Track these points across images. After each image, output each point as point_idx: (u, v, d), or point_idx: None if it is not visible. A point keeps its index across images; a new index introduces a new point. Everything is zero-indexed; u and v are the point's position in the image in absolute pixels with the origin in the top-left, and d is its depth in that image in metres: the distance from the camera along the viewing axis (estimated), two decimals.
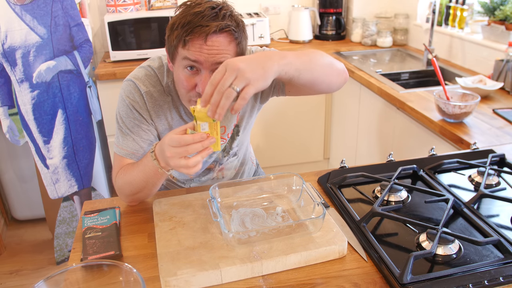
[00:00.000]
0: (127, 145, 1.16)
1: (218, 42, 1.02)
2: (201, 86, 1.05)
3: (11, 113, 2.19)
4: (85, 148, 2.28)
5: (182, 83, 1.08)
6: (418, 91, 2.02)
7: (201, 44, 1.01)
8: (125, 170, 1.14)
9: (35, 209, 2.72)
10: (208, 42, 1.01)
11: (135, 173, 1.09)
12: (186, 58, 1.03)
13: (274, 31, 3.16)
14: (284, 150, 2.90)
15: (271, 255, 0.92)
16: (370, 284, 0.89)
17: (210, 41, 1.01)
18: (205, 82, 1.04)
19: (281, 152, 2.90)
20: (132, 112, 1.15)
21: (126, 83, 1.17)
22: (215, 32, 1.01)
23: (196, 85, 1.06)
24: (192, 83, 1.07)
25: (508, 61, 1.96)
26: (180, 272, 0.88)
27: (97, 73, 2.41)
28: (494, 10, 2.17)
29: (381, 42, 2.87)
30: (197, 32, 1.00)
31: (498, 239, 0.95)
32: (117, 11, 2.61)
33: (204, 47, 1.01)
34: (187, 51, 1.03)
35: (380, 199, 1.09)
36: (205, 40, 1.00)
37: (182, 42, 1.02)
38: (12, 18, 2.01)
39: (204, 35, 1.00)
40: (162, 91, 1.17)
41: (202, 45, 1.01)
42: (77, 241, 1.04)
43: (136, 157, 1.16)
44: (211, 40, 1.01)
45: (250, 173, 1.52)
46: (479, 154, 1.35)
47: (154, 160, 1.01)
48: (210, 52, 1.02)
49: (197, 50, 1.02)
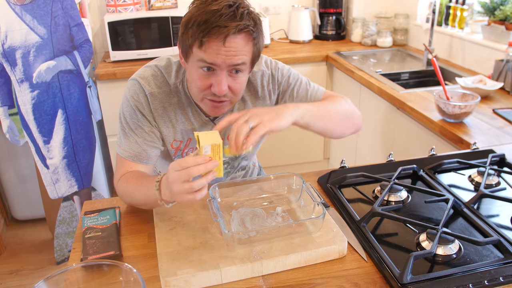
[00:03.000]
0: (129, 147, 1.14)
1: (236, 44, 0.99)
2: (216, 87, 1.03)
3: (11, 113, 2.19)
4: (85, 148, 2.28)
5: (196, 82, 1.05)
6: (418, 91, 2.02)
7: (219, 46, 0.98)
8: (128, 180, 1.11)
9: (35, 209, 2.72)
10: (227, 44, 0.98)
11: (137, 191, 1.06)
12: (203, 60, 1.00)
13: (274, 31, 3.16)
14: (284, 150, 2.90)
15: (271, 255, 0.92)
16: (370, 284, 0.89)
17: (228, 42, 0.98)
18: (220, 83, 1.02)
19: (281, 152, 2.90)
20: (136, 113, 1.13)
21: (132, 83, 1.15)
22: (234, 34, 0.97)
23: (211, 85, 1.04)
24: (207, 84, 1.04)
25: (508, 61, 1.96)
26: (180, 272, 0.88)
27: (97, 73, 2.41)
28: (494, 10, 2.17)
29: (381, 42, 2.87)
30: (215, 34, 0.96)
31: (498, 239, 0.95)
32: (117, 11, 2.61)
33: (222, 49, 0.98)
34: (204, 53, 0.99)
35: (380, 199, 1.09)
36: (223, 42, 0.97)
37: (199, 43, 0.99)
38: (12, 18, 2.01)
39: (223, 37, 0.96)
40: (167, 92, 1.15)
41: (220, 47, 0.98)
42: (77, 241, 1.04)
43: (138, 159, 1.14)
44: (229, 42, 0.98)
45: (253, 176, 1.51)
46: (479, 154, 1.35)
47: (156, 190, 0.96)
48: (228, 54, 0.99)
49: (214, 53, 0.98)
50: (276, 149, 2.86)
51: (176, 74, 1.16)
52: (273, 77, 1.21)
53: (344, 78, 2.61)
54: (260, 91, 1.20)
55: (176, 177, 0.87)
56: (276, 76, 1.22)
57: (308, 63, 2.73)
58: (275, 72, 1.22)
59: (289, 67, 1.26)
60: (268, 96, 1.22)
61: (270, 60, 1.25)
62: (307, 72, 2.74)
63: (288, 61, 2.67)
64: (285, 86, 1.23)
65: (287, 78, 1.24)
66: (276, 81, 1.22)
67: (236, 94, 1.08)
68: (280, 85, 1.23)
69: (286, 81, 1.23)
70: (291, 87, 1.23)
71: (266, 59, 1.24)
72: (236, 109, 1.21)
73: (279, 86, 1.23)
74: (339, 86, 2.72)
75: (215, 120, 1.19)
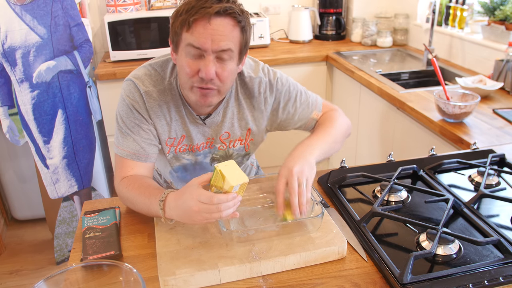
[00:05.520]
0: (127, 146, 1.15)
1: (222, 26, 1.02)
2: (204, 70, 1.04)
3: (11, 113, 2.19)
4: (85, 148, 2.28)
5: (184, 69, 1.07)
6: (418, 91, 2.02)
7: (205, 26, 1.01)
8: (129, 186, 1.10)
9: (35, 209, 2.72)
10: (212, 24, 1.01)
11: (139, 202, 1.06)
12: (190, 44, 1.03)
13: (274, 31, 3.16)
14: (284, 150, 2.89)
15: (270, 256, 0.92)
16: (370, 284, 0.89)
17: (214, 24, 1.01)
18: (207, 66, 1.04)
19: (281, 152, 2.89)
20: (132, 112, 1.15)
21: (126, 83, 1.17)
22: (219, 14, 1.01)
23: (199, 70, 1.05)
24: (195, 68, 1.06)
25: (508, 61, 1.96)
26: (179, 271, 0.88)
27: (97, 73, 2.41)
28: (494, 10, 2.17)
29: (381, 42, 2.87)
30: (201, 13, 1.00)
31: (498, 239, 0.95)
32: (117, 11, 2.61)
33: (209, 29, 1.01)
34: (191, 35, 1.02)
35: (380, 199, 1.09)
36: (209, 20, 1.00)
37: (187, 25, 1.02)
38: (12, 18, 2.01)
39: (208, 16, 1.00)
40: (162, 90, 1.16)
41: (206, 27, 1.01)
42: (77, 241, 1.04)
43: (137, 158, 1.15)
44: (215, 22, 1.01)
45: (251, 175, 1.52)
46: (479, 154, 1.35)
47: (160, 209, 0.98)
48: (214, 38, 1.02)
49: (201, 33, 1.01)
50: (275, 149, 2.86)
51: (171, 71, 1.18)
52: (271, 85, 1.23)
53: (344, 78, 2.61)
54: (257, 96, 1.22)
55: (205, 209, 0.90)
56: (275, 85, 1.23)
57: (308, 63, 2.73)
58: (273, 81, 1.23)
59: (286, 76, 1.28)
60: (263, 102, 1.24)
61: (267, 68, 1.26)
62: (307, 72, 2.74)
63: (288, 61, 2.67)
64: (287, 97, 1.25)
65: (288, 88, 1.25)
66: (274, 89, 1.24)
67: (224, 83, 1.09)
68: (280, 94, 1.24)
69: (287, 91, 1.25)
70: (293, 98, 1.26)
71: (263, 66, 1.25)
72: (230, 112, 1.22)
73: (279, 95, 1.24)
74: (339, 86, 2.72)
75: (205, 120, 1.20)
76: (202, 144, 1.24)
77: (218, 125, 1.22)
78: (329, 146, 1.18)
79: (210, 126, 1.22)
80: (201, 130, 1.22)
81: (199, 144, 1.24)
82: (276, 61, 2.64)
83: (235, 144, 1.27)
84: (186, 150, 1.24)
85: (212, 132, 1.23)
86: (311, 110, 1.29)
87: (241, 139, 1.27)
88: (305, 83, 2.77)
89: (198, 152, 1.25)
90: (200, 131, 1.22)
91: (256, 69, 1.23)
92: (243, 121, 1.24)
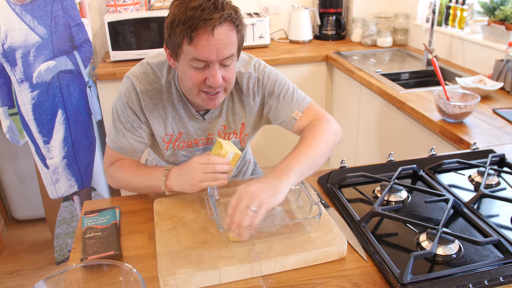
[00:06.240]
0: (118, 140, 1.21)
1: (223, 35, 1.02)
2: (212, 80, 1.05)
3: (11, 113, 2.19)
4: (85, 148, 2.28)
5: (190, 79, 1.08)
6: (418, 91, 2.02)
7: (208, 39, 1.00)
8: (125, 167, 1.21)
9: (35, 209, 2.72)
10: (215, 35, 1.01)
11: (137, 177, 1.18)
12: (195, 59, 1.03)
13: (274, 31, 3.16)
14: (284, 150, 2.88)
15: (270, 256, 0.92)
16: (370, 284, 0.89)
17: (216, 35, 1.01)
18: (215, 76, 1.05)
19: (280, 152, 2.89)
20: (127, 109, 1.17)
21: (125, 80, 1.20)
22: (220, 24, 1.01)
23: (206, 78, 1.07)
24: (202, 78, 1.07)
25: (508, 61, 1.96)
26: (179, 271, 0.88)
27: (97, 73, 2.41)
28: (494, 10, 2.17)
29: (381, 42, 2.87)
30: (202, 27, 0.99)
31: (498, 239, 0.95)
32: (117, 11, 2.61)
33: (212, 41, 1.01)
34: (194, 48, 1.02)
35: (380, 199, 1.09)
36: (212, 33, 1.00)
37: (188, 39, 1.01)
38: (12, 18, 2.01)
39: (211, 29, 0.99)
40: (158, 88, 1.17)
41: (210, 40, 1.00)
42: (77, 241, 1.04)
43: (124, 152, 1.21)
44: (217, 33, 1.01)
45: (248, 173, 1.52)
46: (479, 154, 1.35)
47: (164, 176, 1.11)
48: (218, 48, 1.02)
49: (205, 48, 1.01)
50: (274, 149, 2.86)
51: (169, 69, 1.19)
52: (259, 80, 1.23)
53: (344, 78, 2.61)
54: (245, 91, 1.23)
55: (202, 168, 1.05)
56: (261, 79, 1.23)
57: (308, 63, 2.72)
58: (260, 76, 1.23)
59: (277, 72, 1.27)
60: (252, 96, 1.24)
61: (259, 63, 1.26)
62: (307, 72, 2.74)
63: (288, 61, 2.67)
64: (271, 91, 1.24)
65: (273, 83, 1.24)
66: (261, 84, 1.24)
67: (229, 83, 1.12)
68: (265, 89, 1.24)
69: (272, 85, 1.24)
70: (277, 93, 1.24)
71: (255, 62, 1.25)
72: (225, 105, 1.23)
73: (264, 90, 1.24)
74: (339, 86, 2.72)
75: (205, 115, 1.22)
76: (201, 140, 1.26)
77: (216, 119, 1.24)
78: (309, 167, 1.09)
79: (209, 121, 1.24)
80: (201, 126, 1.24)
81: (199, 139, 1.26)
82: (276, 61, 2.64)
83: (230, 137, 1.28)
84: (185, 146, 1.25)
85: (211, 127, 1.24)
86: (293, 109, 1.24)
87: (236, 132, 1.28)
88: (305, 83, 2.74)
89: (197, 147, 1.27)
90: (200, 127, 1.24)
91: (247, 65, 1.23)
92: (237, 115, 1.25)
